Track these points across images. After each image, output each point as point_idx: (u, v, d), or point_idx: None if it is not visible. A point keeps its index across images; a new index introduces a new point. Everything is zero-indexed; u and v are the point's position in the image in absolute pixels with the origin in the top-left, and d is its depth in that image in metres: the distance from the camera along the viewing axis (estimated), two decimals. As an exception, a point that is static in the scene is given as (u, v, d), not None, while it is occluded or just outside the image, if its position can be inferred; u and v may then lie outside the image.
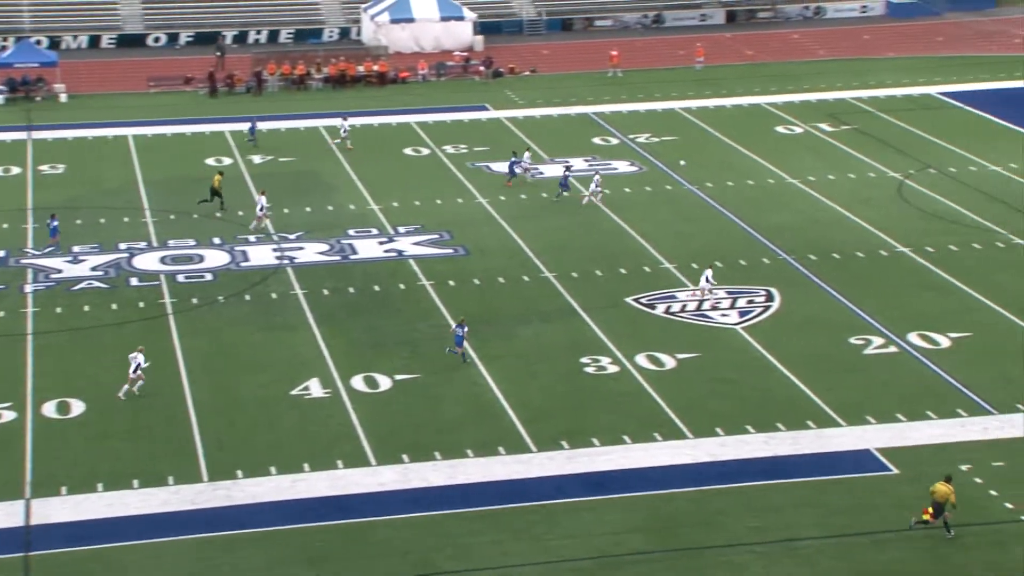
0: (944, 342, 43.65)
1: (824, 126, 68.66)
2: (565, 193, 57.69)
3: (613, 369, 42.52)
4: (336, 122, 67.35)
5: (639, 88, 77.42)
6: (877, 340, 43.92)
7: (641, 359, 43.05)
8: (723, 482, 35.93)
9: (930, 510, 32.97)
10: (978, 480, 35.51)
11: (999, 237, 52.46)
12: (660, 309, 46.83)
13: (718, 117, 71.00)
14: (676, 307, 47.02)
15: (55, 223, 52.69)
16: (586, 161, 63.84)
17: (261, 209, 54.84)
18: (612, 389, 41.29)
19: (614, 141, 67.44)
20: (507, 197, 58.87)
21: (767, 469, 36.51)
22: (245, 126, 67.79)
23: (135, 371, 40.43)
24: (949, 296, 47.31)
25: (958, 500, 33.51)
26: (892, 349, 43.31)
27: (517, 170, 59.68)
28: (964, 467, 36.11)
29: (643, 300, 47.66)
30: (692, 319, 46.12)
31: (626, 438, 38.23)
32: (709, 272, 47.55)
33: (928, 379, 41.30)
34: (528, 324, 45.80)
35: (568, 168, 59.50)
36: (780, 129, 68.89)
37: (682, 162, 62.90)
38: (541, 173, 61.00)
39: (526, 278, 50.03)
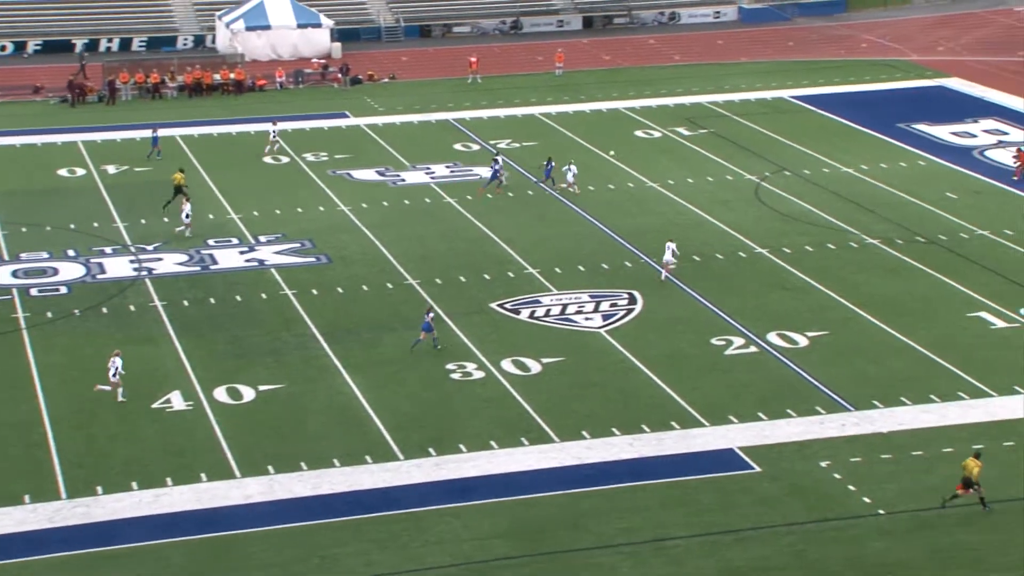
0: (802, 341, 44.52)
1: (682, 130, 69.63)
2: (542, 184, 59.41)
3: (479, 375, 42.55)
4: (188, 132, 66.30)
5: (499, 94, 77.71)
6: (738, 340, 44.62)
7: (507, 364, 43.16)
8: (590, 484, 36.17)
9: (962, 485, 33.92)
10: (837, 476, 36.27)
11: (852, 237, 53.67)
12: (525, 314, 47.00)
13: (578, 122, 71.53)
14: (540, 312, 47.25)
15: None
16: (447, 167, 63.86)
17: (187, 216, 54.25)
18: (478, 395, 41.33)
19: (475, 147, 67.58)
20: (369, 205, 58.61)
21: (633, 470, 36.85)
22: (98, 136, 66.34)
23: (115, 375, 40.13)
24: (806, 296, 48.27)
25: (822, 496, 34.12)
26: (753, 349, 44.04)
27: (570, 177, 59.56)
28: (823, 463, 36.86)
29: (507, 305, 47.79)
30: (556, 323, 46.38)
31: (493, 443, 38.28)
32: (673, 245, 48.88)
33: (788, 378, 42.08)
34: (393, 332, 45.62)
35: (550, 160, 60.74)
36: (639, 133, 69.68)
37: (611, 152, 63.42)
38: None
39: (390, 285, 49.84)
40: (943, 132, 68.08)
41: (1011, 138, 65.38)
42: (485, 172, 63.11)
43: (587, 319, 46.63)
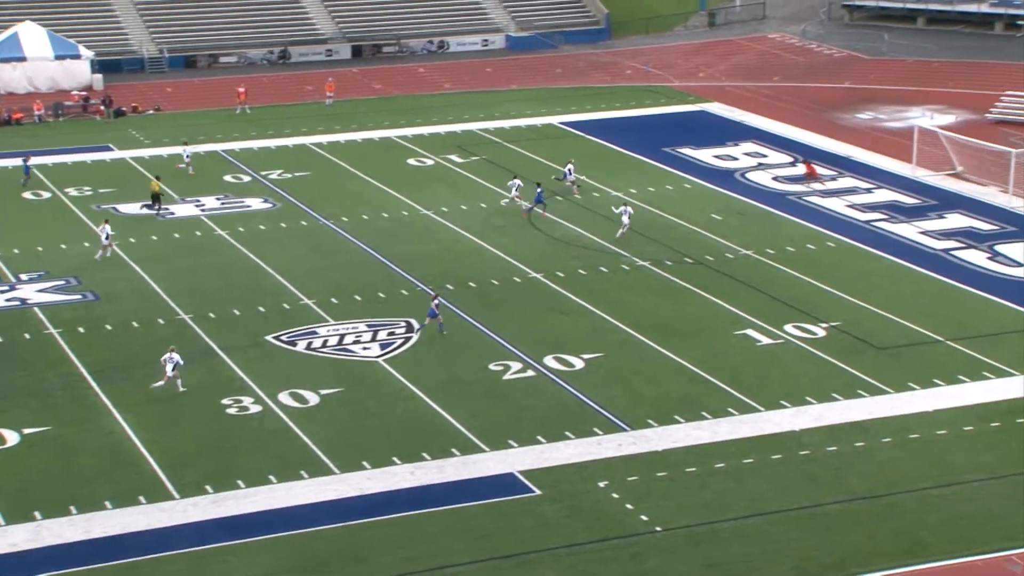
0: (578, 363, 45.21)
1: (454, 157, 70.12)
2: (537, 208, 59.66)
3: (256, 409, 41.94)
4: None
5: (269, 124, 76.99)
6: (516, 365, 45.05)
7: (284, 397, 42.65)
8: (372, 515, 35.97)
9: None
10: (615, 495, 36.88)
11: (624, 260, 54.82)
12: (301, 346, 46.55)
13: (350, 151, 71.36)
14: (318, 343, 46.86)
15: None
16: (218, 200, 62.91)
17: (107, 237, 53.80)
18: (256, 429, 40.72)
19: (246, 178, 66.74)
20: (137, 239, 57.28)
21: (415, 499, 36.79)
22: None
23: (172, 370, 42.02)
24: (581, 319, 49.07)
25: (601, 515, 34.60)
26: (530, 373, 44.52)
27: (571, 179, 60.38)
28: (602, 484, 37.44)
29: (284, 337, 47.26)
30: (334, 354, 46.07)
31: (272, 478, 37.74)
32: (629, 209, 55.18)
33: (565, 400, 42.65)
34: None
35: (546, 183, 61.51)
36: (412, 161, 69.89)
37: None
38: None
39: (161, 321, 48.77)
40: (706, 155, 70.19)
41: (769, 160, 67.73)
42: (258, 203, 62.44)
43: (365, 349, 46.45)
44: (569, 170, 64.01)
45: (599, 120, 77.83)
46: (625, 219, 57.18)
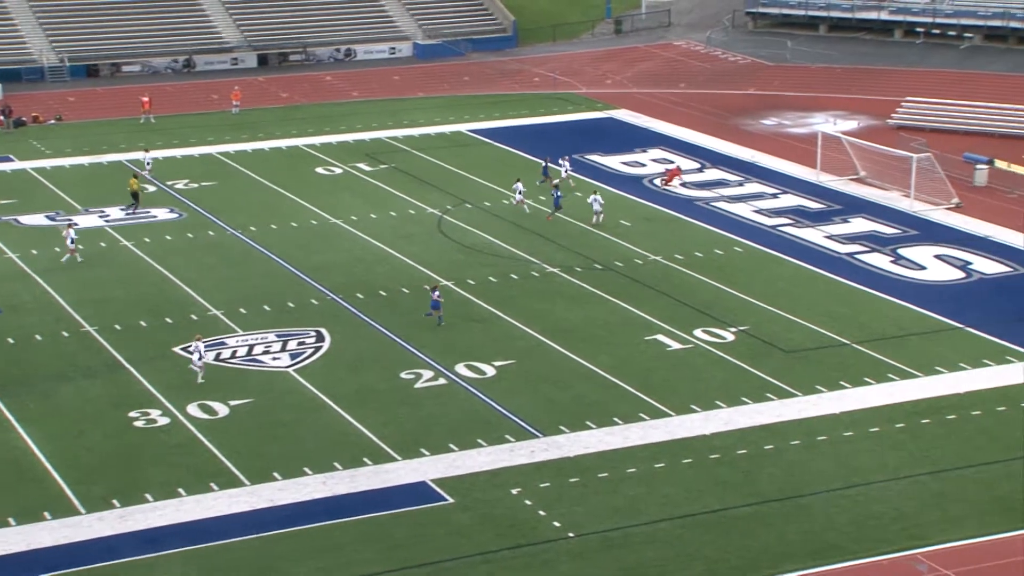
0: (490, 371, 45.23)
1: (363, 165, 69.88)
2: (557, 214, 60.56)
3: (164, 421, 41.48)
4: None
5: (174, 134, 76.22)
6: (427, 373, 44.98)
7: (193, 409, 42.22)
8: (284, 526, 35.71)
9: None
10: (528, 502, 36.95)
11: (534, 267, 54.98)
12: (210, 356, 46.10)
13: (257, 160, 70.87)
14: (226, 353, 46.44)
15: None
16: (123, 210, 62.17)
17: (71, 241, 54.09)
18: (164, 442, 40.26)
19: (151, 188, 66.00)
20: (40, 251, 56.40)
21: (327, 509, 36.59)
22: None
23: (199, 360, 43.75)
24: (492, 326, 49.11)
25: (514, 523, 34.61)
26: (442, 381, 44.46)
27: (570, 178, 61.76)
28: (514, 491, 37.49)
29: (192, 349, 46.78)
30: (243, 364, 45.69)
31: (181, 491, 37.33)
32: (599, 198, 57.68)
33: (477, 408, 42.66)
34: (70, 381, 44.00)
35: (556, 186, 62.57)
36: (320, 170, 69.55)
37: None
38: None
39: (65, 333, 48.06)
40: (615, 162, 70.61)
41: (679, 166, 68.17)
42: (164, 214, 61.80)
43: (275, 359, 46.11)
44: (565, 169, 65.45)
45: (508, 127, 78.00)
46: (596, 207, 59.58)
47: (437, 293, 48.86)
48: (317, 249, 57.31)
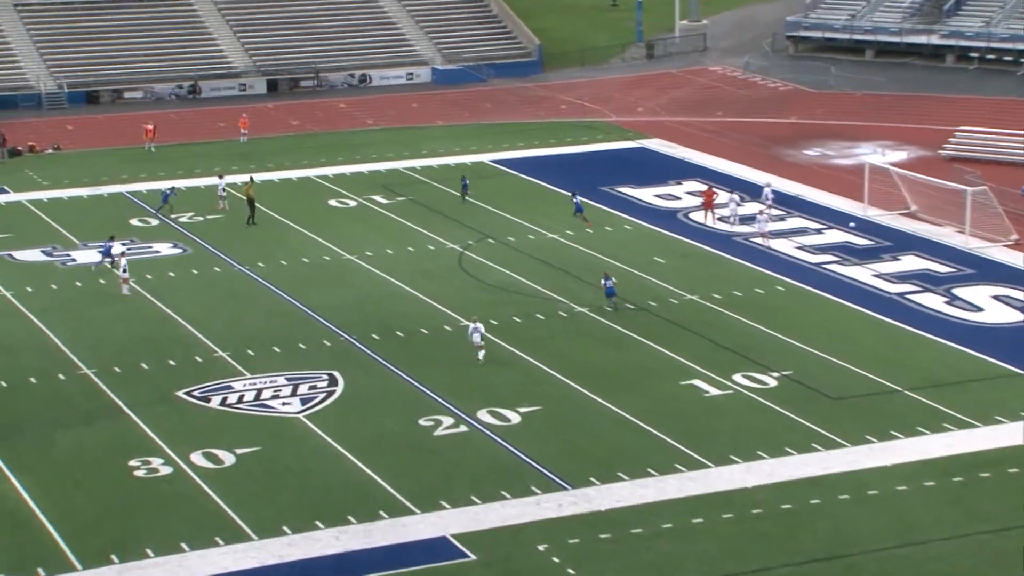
0: (514, 418, 45.04)
1: (379, 197, 69.99)
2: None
3: (166, 471, 41.39)
4: None
5: (179, 163, 76.53)
6: (447, 420, 44.81)
7: (197, 457, 42.12)
8: (294, 585, 35.58)
9: None
10: (556, 559, 36.66)
11: (561, 306, 54.83)
12: (215, 401, 46.04)
13: (267, 191, 71.00)
14: (233, 398, 46.39)
15: None
16: (124, 244, 62.32)
17: (124, 270, 55.38)
18: (166, 492, 40.16)
19: (154, 222, 66.19)
20: (35, 288, 56.56)
21: (340, 566, 36.40)
22: None
23: (480, 340, 47.57)
24: (516, 369, 48.94)
25: (539, 581, 34.38)
26: (463, 428, 44.29)
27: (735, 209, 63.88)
28: (541, 547, 37.21)
29: (196, 393, 46.74)
30: (251, 410, 45.61)
31: (184, 545, 37.19)
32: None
33: (501, 457, 42.44)
34: (67, 428, 43.99)
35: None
36: (333, 202, 69.69)
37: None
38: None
39: (62, 376, 48.12)
40: (647, 195, 70.56)
41: (717, 200, 67.98)
42: (167, 248, 61.99)
43: (284, 404, 46.03)
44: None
45: (533, 157, 78.09)
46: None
47: (613, 280, 53.43)
48: (330, 286, 57.32)
